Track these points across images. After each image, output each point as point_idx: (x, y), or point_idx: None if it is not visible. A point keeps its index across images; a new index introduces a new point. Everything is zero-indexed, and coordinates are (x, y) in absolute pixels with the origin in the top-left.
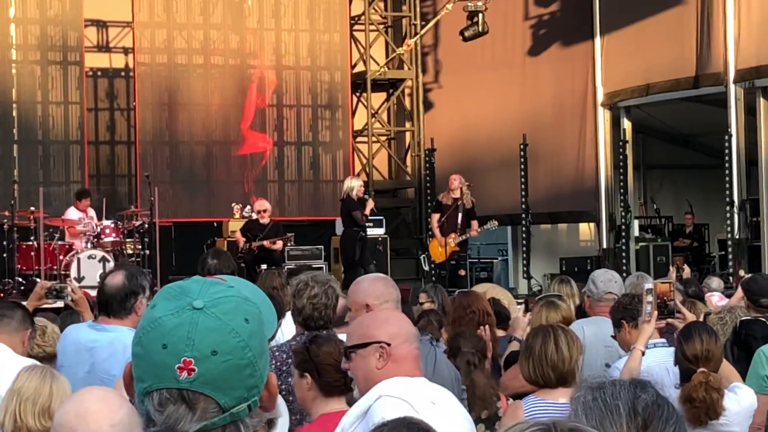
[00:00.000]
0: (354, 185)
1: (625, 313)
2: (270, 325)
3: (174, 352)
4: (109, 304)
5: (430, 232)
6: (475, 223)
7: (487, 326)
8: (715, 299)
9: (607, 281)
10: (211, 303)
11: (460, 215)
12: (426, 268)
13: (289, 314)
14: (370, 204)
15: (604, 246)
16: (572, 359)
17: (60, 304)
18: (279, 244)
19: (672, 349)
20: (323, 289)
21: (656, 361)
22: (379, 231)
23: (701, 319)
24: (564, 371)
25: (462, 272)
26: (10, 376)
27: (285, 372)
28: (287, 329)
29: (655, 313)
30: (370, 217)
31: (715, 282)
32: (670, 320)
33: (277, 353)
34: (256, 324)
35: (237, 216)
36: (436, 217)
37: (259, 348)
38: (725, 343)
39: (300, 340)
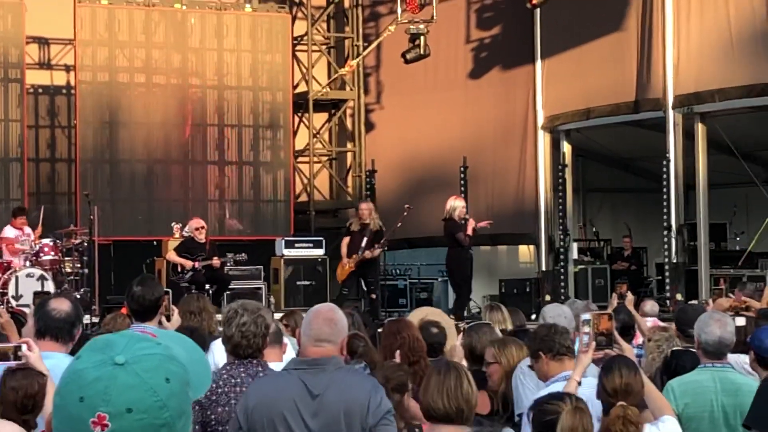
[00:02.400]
0: (457, 206)
1: (542, 344)
2: (200, 385)
3: (90, 405)
4: (59, 330)
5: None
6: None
7: (398, 352)
8: (650, 324)
9: (556, 316)
10: (133, 359)
11: (365, 239)
12: (365, 289)
13: (219, 341)
14: (472, 224)
15: (544, 268)
16: (472, 398)
17: None
18: (218, 262)
19: (588, 380)
20: (253, 317)
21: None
22: (319, 252)
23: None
24: (458, 408)
25: (374, 296)
26: None
27: (214, 402)
28: (219, 357)
29: (593, 343)
30: (305, 237)
31: (648, 305)
32: (608, 351)
33: None
34: (178, 384)
35: (177, 235)
36: (346, 240)
37: (179, 409)
38: (655, 372)
39: (229, 369)
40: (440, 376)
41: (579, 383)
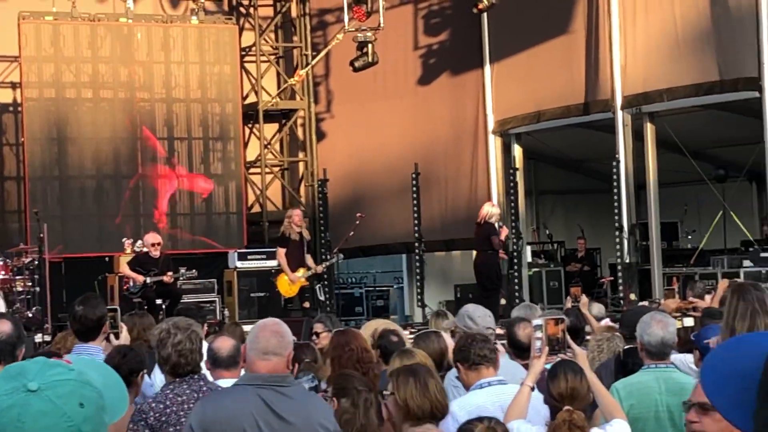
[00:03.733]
0: (495, 212)
1: (459, 354)
2: (117, 409)
3: None
4: (1, 352)
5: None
6: (311, 259)
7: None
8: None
9: (484, 316)
10: (46, 386)
11: (305, 249)
12: (322, 297)
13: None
14: (505, 231)
15: None
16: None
17: None
18: (170, 278)
19: (506, 387)
20: (186, 334)
21: (489, 400)
22: (273, 263)
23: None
24: (441, 405)
25: (306, 304)
26: None
27: (164, 422)
28: (159, 378)
29: (546, 348)
30: (258, 249)
31: (596, 309)
32: (561, 356)
33: (153, 405)
34: (92, 409)
35: (128, 251)
36: (282, 251)
37: None
38: (599, 370)
39: (173, 388)
40: (417, 377)
41: (532, 389)
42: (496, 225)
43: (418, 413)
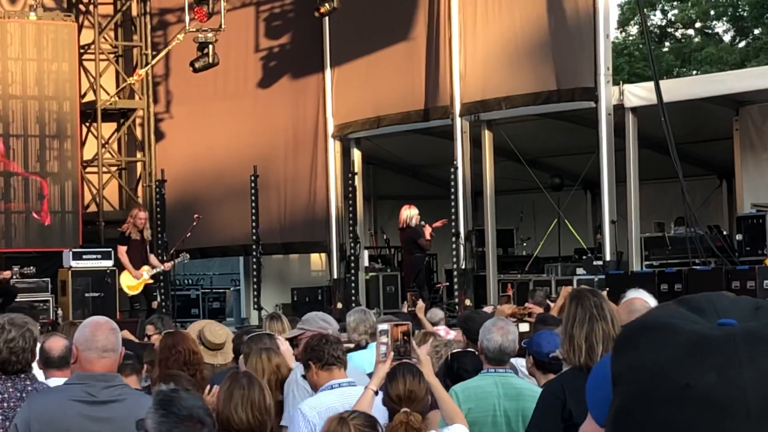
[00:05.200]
0: (413, 214)
1: (312, 354)
2: None
3: None
4: None
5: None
6: (154, 258)
7: None
8: (441, 332)
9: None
10: None
11: (147, 249)
12: (158, 299)
13: None
14: (428, 229)
15: (335, 276)
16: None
17: None
18: (8, 274)
19: (356, 389)
20: (20, 332)
21: (339, 401)
22: (108, 263)
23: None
24: (262, 421)
25: (155, 304)
26: None
27: None
28: None
29: (391, 354)
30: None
31: (431, 313)
32: (405, 361)
33: None
34: None
35: None
36: (123, 249)
37: None
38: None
39: None
40: (244, 389)
41: (376, 393)
42: (419, 226)
43: (235, 426)
